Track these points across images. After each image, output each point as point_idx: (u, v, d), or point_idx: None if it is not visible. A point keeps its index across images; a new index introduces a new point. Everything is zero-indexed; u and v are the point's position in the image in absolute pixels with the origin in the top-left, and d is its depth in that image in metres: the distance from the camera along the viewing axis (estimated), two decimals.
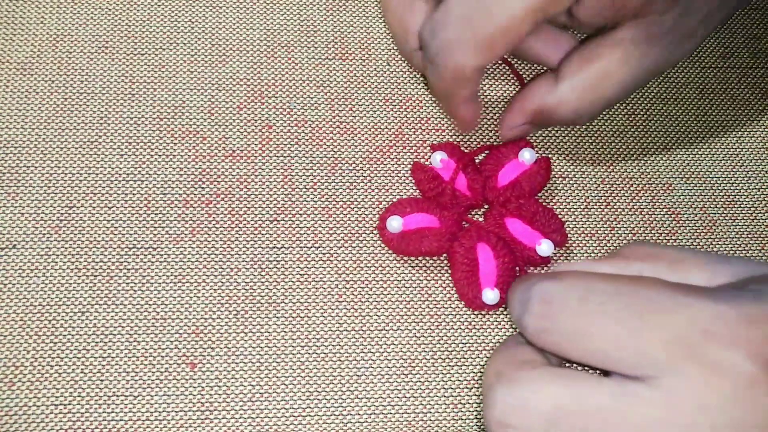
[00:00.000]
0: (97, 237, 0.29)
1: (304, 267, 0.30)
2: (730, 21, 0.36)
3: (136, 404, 0.27)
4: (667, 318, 0.18)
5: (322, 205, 0.31)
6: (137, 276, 0.29)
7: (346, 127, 0.32)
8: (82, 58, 0.32)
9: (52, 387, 0.27)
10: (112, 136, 0.31)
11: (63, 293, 0.28)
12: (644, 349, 0.18)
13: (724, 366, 0.17)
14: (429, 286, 0.30)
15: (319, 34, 0.34)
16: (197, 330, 0.28)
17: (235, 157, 0.31)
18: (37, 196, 0.30)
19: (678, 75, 0.35)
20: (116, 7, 0.33)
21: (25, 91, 0.31)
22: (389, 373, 0.29)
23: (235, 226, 0.30)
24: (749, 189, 0.33)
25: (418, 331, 0.29)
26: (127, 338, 0.28)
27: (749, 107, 0.34)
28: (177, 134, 0.31)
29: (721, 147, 0.34)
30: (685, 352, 0.18)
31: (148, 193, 0.30)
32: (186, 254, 0.29)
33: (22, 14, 0.32)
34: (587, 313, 0.19)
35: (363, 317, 0.29)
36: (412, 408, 0.28)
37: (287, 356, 0.28)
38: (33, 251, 0.29)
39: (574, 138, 0.33)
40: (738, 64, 0.35)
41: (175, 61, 0.32)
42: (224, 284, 0.29)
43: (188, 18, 0.33)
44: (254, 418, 0.28)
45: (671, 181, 0.33)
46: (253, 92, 0.32)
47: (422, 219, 0.29)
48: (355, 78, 0.33)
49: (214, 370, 0.28)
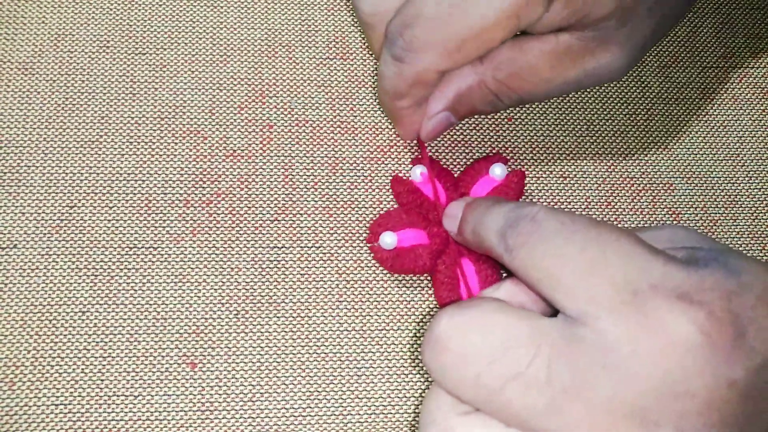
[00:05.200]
0: (98, 237, 0.29)
1: (304, 267, 0.30)
2: (731, 21, 0.36)
3: (136, 404, 0.27)
4: (625, 262, 0.18)
5: (322, 205, 0.31)
6: (137, 276, 0.29)
7: (346, 127, 0.32)
8: (82, 57, 0.32)
9: (52, 387, 0.27)
10: (112, 135, 0.31)
11: (63, 293, 0.28)
12: (595, 284, 0.18)
13: (665, 322, 0.17)
14: (429, 286, 0.30)
15: (320, 34, 0.34)
16: (197, 330, 0.29)
17: (236, 157, 0.31)
18: (37, 195, 0.30)
19: (679, 74, 0.35)
20: (117, 6, 0.33)
21: (26, 91, 0.31)
22: (389, 373, 0.29)
23: (236, 226, 0.30)
24: (750, 189, 0.33)
25: (418, 331, 0.29)
26: (127, 338, 0.28)
27: (750, 107, 0.34)
28: (177, 134, 0.31)
29: (722, 147, 0.34)
30: (630, 297, 0.18)
31: (148, 193, 0.30)
32: (186, 254, 0.29)
33: (23, 14, 0.32)
34: (561, 236, 0.19)
35: (363, 317, 0.29)
36: (412, 408, 0.28)
37: (287, 356, 0.29)
38: (34, 251, 0.29)
39: (575, 138, 0.33)
40: (739, 64, 0.35)
41: (176, 60, 0.32)
42: (224, 284, 0.29)
43: (189, 17, 0.33)
44: (254, 418, 0.28)
45: (672, 181, 0.33)
46: (254, 92, 0.32)
47: (414, 235, 0.29)
48: (356, 77, 0.33)
49: (214, 370, 0.28)
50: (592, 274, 0.18)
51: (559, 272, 0.19)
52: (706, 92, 0.34)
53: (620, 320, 0.18)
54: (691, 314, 0.17)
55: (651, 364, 0.17)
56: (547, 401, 0.18)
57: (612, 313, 0.18)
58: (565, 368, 0.18)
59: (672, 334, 0.17)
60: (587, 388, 0.17)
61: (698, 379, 0.17)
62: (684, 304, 0.17)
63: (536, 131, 0.33)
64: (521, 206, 0.21)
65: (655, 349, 0.17)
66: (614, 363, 0.17)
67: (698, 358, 0.17)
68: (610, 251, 0.18)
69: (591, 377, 0.17)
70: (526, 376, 0.18)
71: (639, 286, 0.18)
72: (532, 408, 0.18)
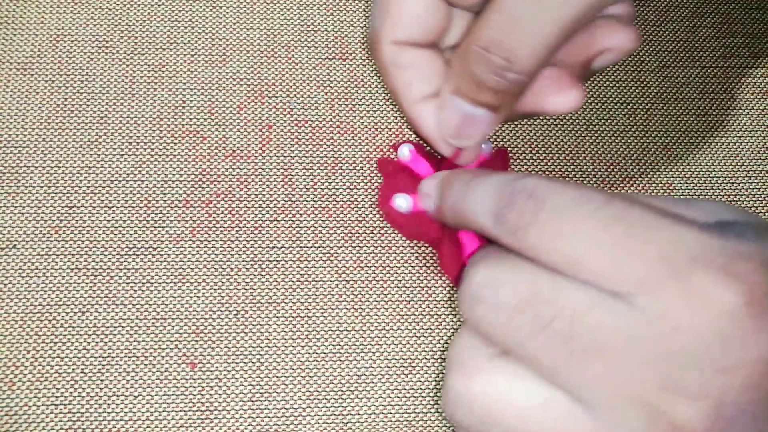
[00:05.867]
0: (97, 237, 0.29)
1: (304, 267, 0.30)
2: (730, 20, 0.36)
3: (136, 404, 0.27)
4: (656, 236, 0.17)
5: (322, 205, 0.31)
6: (137, 276, 0.29)
7: (346, 127, 0.32)
8: (82, 57, 0.32)
9: (52, 387, 0.27)
10: (112, 136, 0.31)
11: (63, 293, 0.28)
12: (627, 262, 0.17)
13: (707, 294, 0.17)
14: (429, 286, 0.30)
15: (319, 34, 0.34)
16: (197, 330, 0.29)
17: (235, 157, 0.31)
18: (37, 196, 0.30)
19: (678, 74, 0.35)
20: (116, 6, 0.33)
21: (25, 91, 0.31)
22: (389, 373, 0.29)
23: (235, 226, 0.30)
24: (749, 189, 0.33)
25: (418, 331, 0.29)
26: (127, 338, 0.28)
27: (750, 107, 0.34)
28: (177, 134, 0.31)
29: (721, 146, 0.34)
30: (670, 272, 0.17)
31: (148, 193, 0.30)
32: (186, 254, 0.29)
33: (22, 14, 0.32)
34: (577, 214, 0.18)
35: (363, 317, 0.29)
36: (412, 408, 0.28)
37: (287, 356, 0.29)
38: (33, 251, 0.29)
39: (574, 138, 0.33)
40: (738, 64, 0.35)
41: (175, 60, 0.32)
42: (224, 284, 0.29)
43: (188, 18, 0.33)
44: (254, 418, 0.28)
45: (671, 181, 0.33)
46: (253, 92, 0.32)
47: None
48: (355, 78, 0.33)
49: (214, 370, 0.28)
50: (621, 253, 0.17)
51: (583, 255, 0.18)
52: (706, 92, 0.34)
53: (661, 296, 0.17)
54: (734, 286, 0.16)
55: (694, 336, 0.17)
56: (566, 356, 0.18)
57: (651, 290, 0.17)
58: (585, 330, 0.18)
59: (716, 306, 0.16)
60: (610, 353, 0.17)
61: (742, 352, 0.16)
62: (726, 275, 0.17)
63: (536, 131, 0.33)
64: (512, 180, 0.20)
65: (698, 323, 0.17)
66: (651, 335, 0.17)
67: (743, 330, 0.16)
68: (637, 225, 0.18)
69: (616, 345, 0.17)
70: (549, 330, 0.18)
71: (677, 260, 0.17)
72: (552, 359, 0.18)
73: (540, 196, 0.19)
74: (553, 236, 0.18)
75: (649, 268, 0.17)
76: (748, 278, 0.17)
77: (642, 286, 0.17)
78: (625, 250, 0.17)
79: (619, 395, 0.17)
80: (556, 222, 0.18)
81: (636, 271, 0.17)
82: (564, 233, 0.18)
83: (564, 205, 0.19)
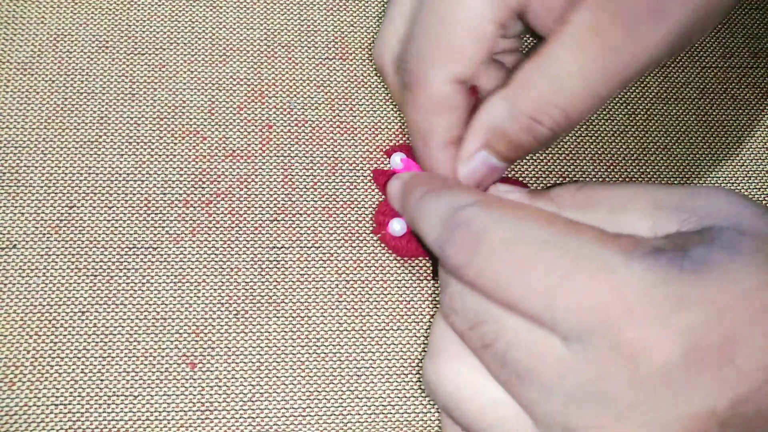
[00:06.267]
0: (97, 237, 0.29)
1: (304, 267, 0.30)
2: (730, 21, 0.36)
3: (136, 404, 0.27)
4: (594, 282, 0.17)
5: (322, 205, 0.31)
6: (137, 276, 0.29)
7: (346, 127, 0.32)
8: (82, 57, 0.32)
9: (52, 387, 0.27)
10: (112, 136, 0.31)
11: (63, 293, 0.28)
12: (562, 310, 0.17)
13: (638, 352, 0.16)
14: (429, 286, 0.30)
15: (319, 34, 0.34)
16: (197, 330, 0.29)
17: (235, 157, 0.31)
18: (37, 196, 0.30)
19: (678, 74, 0.35)
20: (116, 6, 0.33)
21: (25, 91, 0.31)
22: (389, 373, 0.29)
23: (235, 226, 0.30)
24: (749, 189, 0.33)
25: (418, 331, 0.29)
26: (127, 338, 0.28)
27: (750, 107, 0.34)
28: (177, 134, 0.31)
29: (721, 147, 0.34)
30: (601, 324, 0.17)
31: (148, 193, 0.30)
32: (186, 254, 0.29)
33: (22, 14, 0.32)
34: (514, 252, 0.18)
35: (363, 317, 0.29)
36: (412, 408, 0.28)
37: (287, 356, 0.28)
38: (33, 251, 0.29)
39: (574, 138, 0.33)
40: (738, 64, 0.35)
41: (175, 60, 0.32)
42: (224, 284, 0.29)
43: (188, 18, 0.33)
44: (254, 418, 0.28)
45: (671, 181, 0.33)
46: (253, 92, 0.32)
47: None
48: (355, 78, 0.33)
49: (214, 370, 0.28)
50: (556, 299, 0.17)
51: (519, 299, 0.18)
52: (706, 92, 0.34)
53: (590, 348, 0.17)
54: (670, 343, 0.16)
55: (625, 387, 0.16)
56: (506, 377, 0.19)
57: (581, 340, 0.17)
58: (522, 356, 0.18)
59: (647, 364, 0.16)
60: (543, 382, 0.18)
61: (674, 408, 0.16)
62: (661, 329, 0.16)
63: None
64: (454, 208, 0.20)
65: (628, 378, 0.16)
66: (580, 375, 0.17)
67: (676, 386, 0.16)
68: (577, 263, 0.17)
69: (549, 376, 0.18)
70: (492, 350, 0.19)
71: (611, 313, 0.16)
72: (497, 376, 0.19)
73: (477, 232, 0.19)
74: (489, 276, 0.19)
75: (582, 319, 0.17)
76: (688, 332, 0.16)
77: (576, 335, 0.17)
78: (560, 296, 0.17)
79: (554, 423, 0.18)
80: (492, 262, 0.18)
81: (569, 321, 0.17)
82: (499, 274, 0.18)
83: (501, 241, 0.19)
